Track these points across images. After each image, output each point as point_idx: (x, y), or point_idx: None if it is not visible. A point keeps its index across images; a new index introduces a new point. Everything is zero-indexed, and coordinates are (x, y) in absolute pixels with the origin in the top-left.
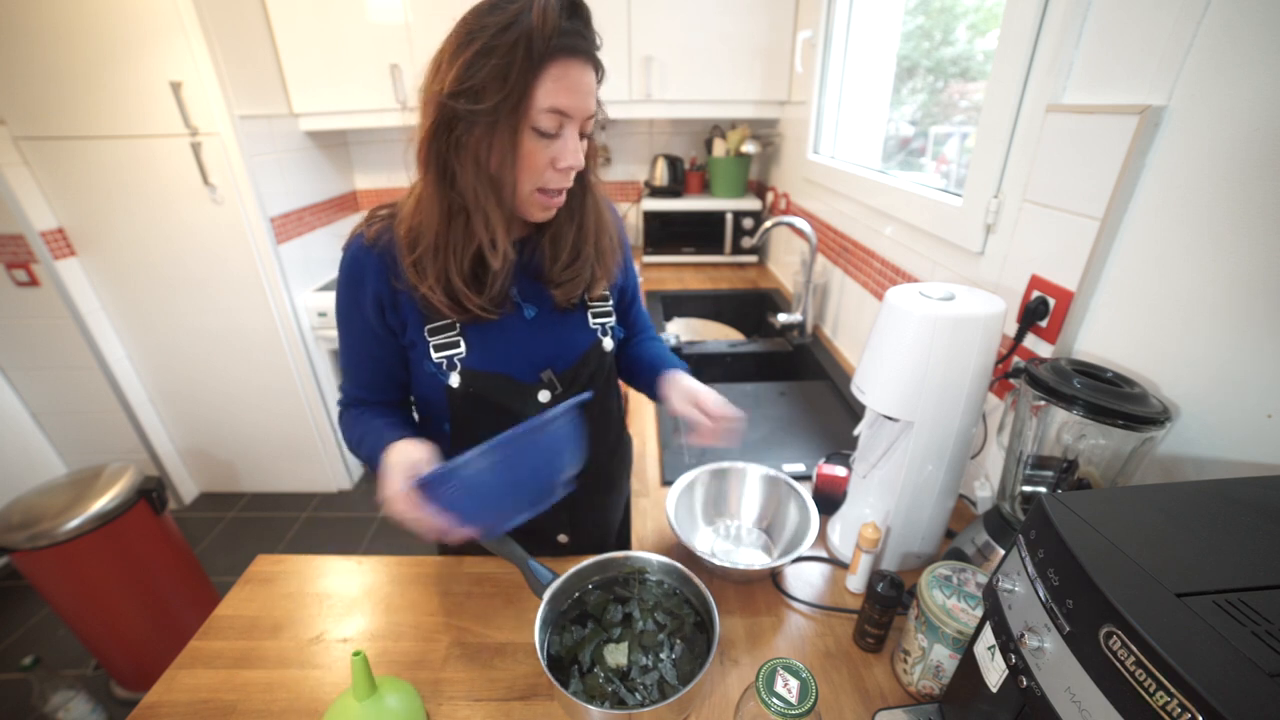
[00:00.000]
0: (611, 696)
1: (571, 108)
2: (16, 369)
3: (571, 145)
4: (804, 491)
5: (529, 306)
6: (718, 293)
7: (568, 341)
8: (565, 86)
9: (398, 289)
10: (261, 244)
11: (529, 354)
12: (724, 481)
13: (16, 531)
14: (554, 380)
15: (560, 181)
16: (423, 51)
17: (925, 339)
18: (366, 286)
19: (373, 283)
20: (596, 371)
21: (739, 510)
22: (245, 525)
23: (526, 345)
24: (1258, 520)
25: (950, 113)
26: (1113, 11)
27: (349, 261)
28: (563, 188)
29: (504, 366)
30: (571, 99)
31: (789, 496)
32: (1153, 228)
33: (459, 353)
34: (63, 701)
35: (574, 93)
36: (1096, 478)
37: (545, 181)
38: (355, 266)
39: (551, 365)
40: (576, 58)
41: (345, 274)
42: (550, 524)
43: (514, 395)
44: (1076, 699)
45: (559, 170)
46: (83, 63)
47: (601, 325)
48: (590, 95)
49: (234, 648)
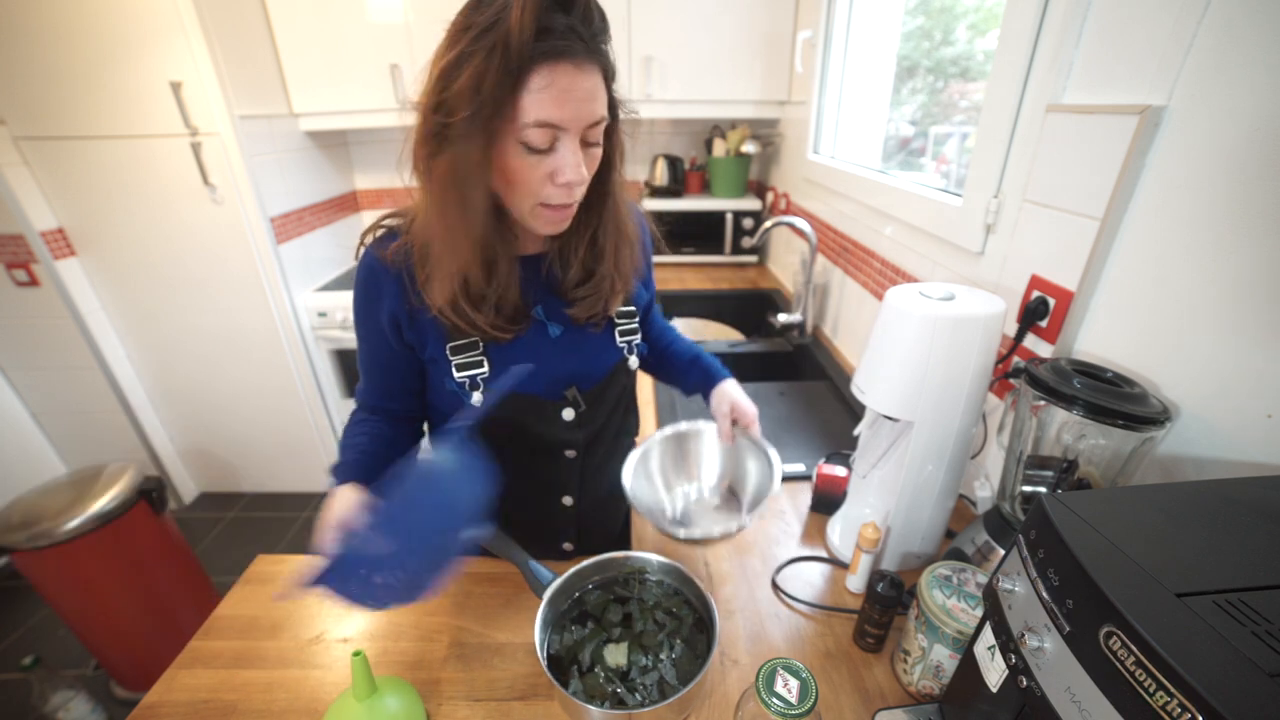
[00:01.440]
0: (611, 696)
1: (564, 119)
2: (16, 369)
3: (571, 160)
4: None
5: (554, 325)
6: (718, 293)
7: (593, 360)
8: (553, 96)
9: (416, 307)
10: (261, 244)
11: (553, 372)
12: (682, 445)
13: (16, 531)
14: (578, 398)
15: (564, 197)
16: (423, 51)
17: (925, 339)
18: (383, 303)
19: (389, 302)
20: (622, 391)
21: (699, 473)
22: (245, 525)
23: (551, 363)
24: (1258, 520)
25: (950, 113)
26: (1113, 11)
27: (365, 275)
28: (569, 202)
29: (528, 386)
30: (562, 110)
31: (746, 453)
32: (1153, 228)
33: (482, 372)
34: (63, 701)
35: (564, 102)
36: (1096, 478)
37: (546, 197)
38: (372, 281)
39: (576, 383)
40: (566, 60)
41: (362, 286)
42: (557, 532)
43: (538, 414)
44: (1076, 699)
45: (559, 186)
46: (83, 63)
47: (628, 344)
48: (588, 101)
49: (234, 648)
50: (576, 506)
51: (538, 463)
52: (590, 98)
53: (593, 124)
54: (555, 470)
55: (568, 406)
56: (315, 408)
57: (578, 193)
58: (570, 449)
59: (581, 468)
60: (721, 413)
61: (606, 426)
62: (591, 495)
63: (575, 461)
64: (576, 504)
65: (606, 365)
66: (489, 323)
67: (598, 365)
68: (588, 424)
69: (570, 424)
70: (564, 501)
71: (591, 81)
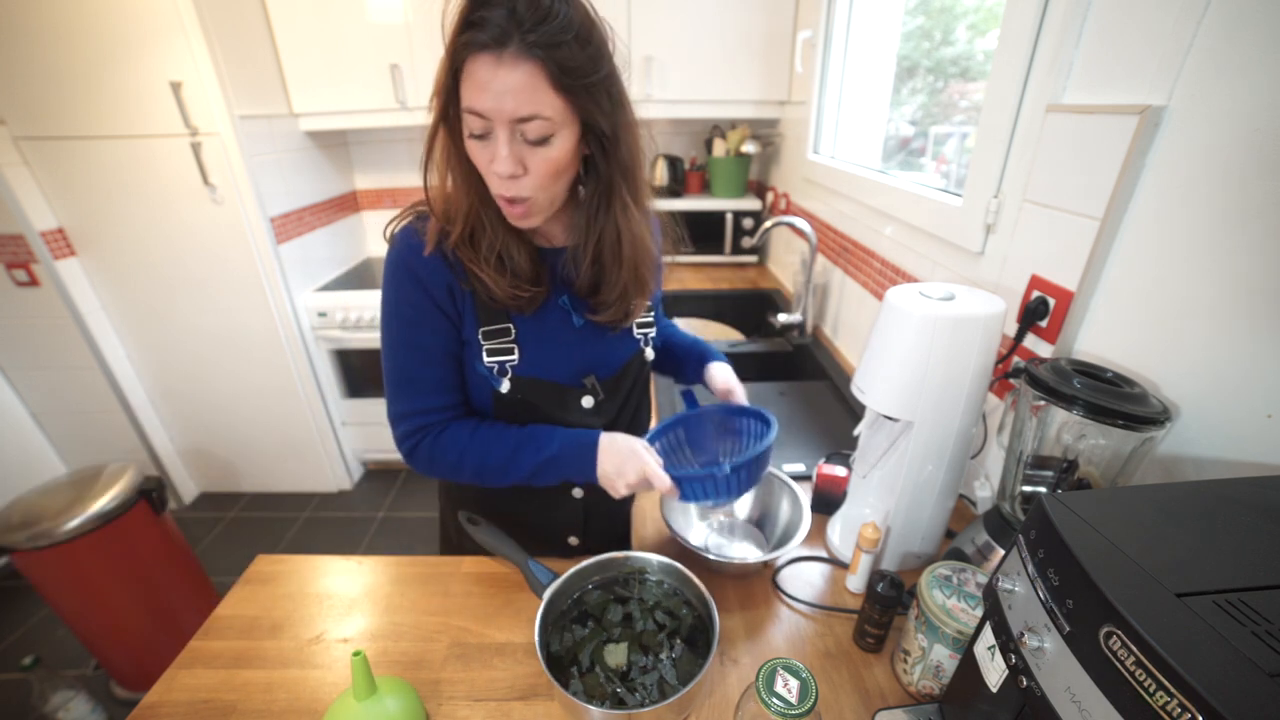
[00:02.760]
0: (611, 696)
1: (486, 109)
2: (16, 369)
3: (499, 151)
4: (795, 486)
5: (577, 315)
6: (718, 293)
7: (613, 350)
8: (475, 85)
9: (460, 285)
10: (261, 244)
11: (575, 360)
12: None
13: (16, 531)
14: (597, 386)
15: (500, 188)
16: (423, 51)
17: (925, 339)
18: (433, 277)
19: (438, 273)
20: (637, 380)
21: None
22: (245, 525)
23: (573, 351)
24: (1258, 520)
25: (950, 113)
26: (1113, 11)
27: (408, 255)
28: (515, 196)
29: (552, 373)
30: (481, 99)
31: (781, 491)
32: (1153, 228)
33: (512, 359)
34: (63, 701)
35: (485, 90)
36: (1096, 478)
37: (493, 187)
38: (416, 260)
39: (595, 371)
40: (486, 53)
41: (405, 267)
42: (563, 525)
43: (559, 400)
44: (1076, 699)
45: (493, 175)
46: (83, 63)
47: (644, 336)
48: (510, 95)
49: (234, 648)
50: (585, 499)
51: None
52: (512, 92)
53: (520, 119)
54: None
55: (587, 394)
56: (315, 408)
57: (518, 188)
58: None
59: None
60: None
61: (620, 417)
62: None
63: None
64: (586, 497)
65: (624, 355)
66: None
67: (616, 355)
68: (605, 412)
69: (589, 411)
70: (574, 494)
71: (516, 77)
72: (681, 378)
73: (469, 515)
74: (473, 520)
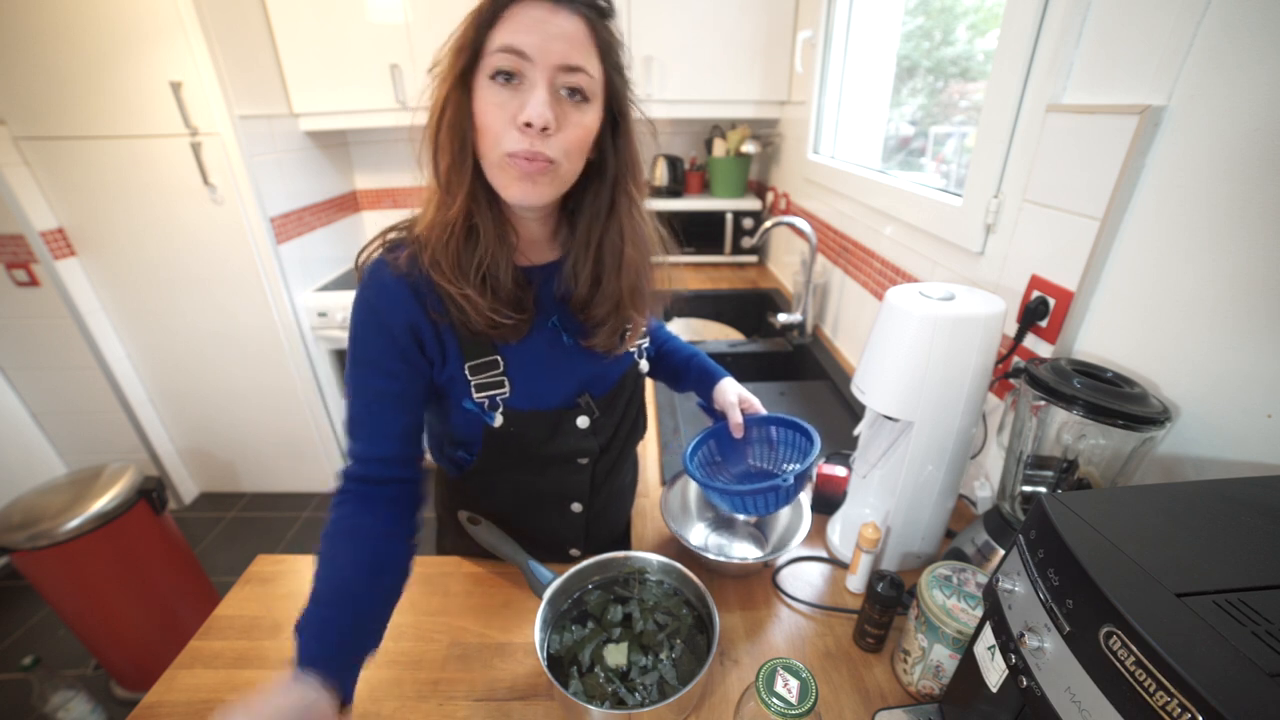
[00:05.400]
0: (611, 696)
1: (531, 46)
2: (16, 369)
3: (538, 95)
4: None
5: (566, 333)
6: (718, 293)
7: (607, 366)
8: (524, 23)
9: (438, 321)
10: (261, 244)
11: (569, 382)
12: None
13: (16, 531)
14: (591, 404)
15: (525, 142)
16: (423, 51)
17: (925, 339)
18: (399, 312)
19: (406, 311)
20: (634, 393)
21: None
22: (245, 525)
23: (566, 373)
24: (1258, 520)
25: (950, 113)
26: (1113, 11)
27: (376, 288)
28: (534, 153)
29: (546, 400)
30: (530, 36)
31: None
32: (1153, 228)
33: (503, 393)
34: (63, 701)
35: (533, 30)
36: (1096, 478)
37: (511, 143)
38: (384, 293)
39: (589, 389)
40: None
41: (371, 303)
42: (565, 537)
43: (553, 428)
44: (1076, 699)
45: (521, 128)
46: (83, 63)
47: (638, 347)
48: (561, 39)
49: (234, 648)
50: (586, 513)
51: (549, 473)
52: (566, 37)
53: (567, 68)
54: (567, 478)
55: (582, 414)
56: (315, 408)
57: (546, 144)
58: (583, 456)
59: (593, 474)
60: (730, 403)
61: (618, 432)
62: (601, 500)
63: (587, 468)
64: (586, 510)
65: (618, 370)
66: (489, 307)
67: (610, 371)
68: (602, 430)
69: (585, 431)
70: (573, 508)
71: (571, 25)
72: (677, 387)
73: (469, 515)
74: (473, 520)
